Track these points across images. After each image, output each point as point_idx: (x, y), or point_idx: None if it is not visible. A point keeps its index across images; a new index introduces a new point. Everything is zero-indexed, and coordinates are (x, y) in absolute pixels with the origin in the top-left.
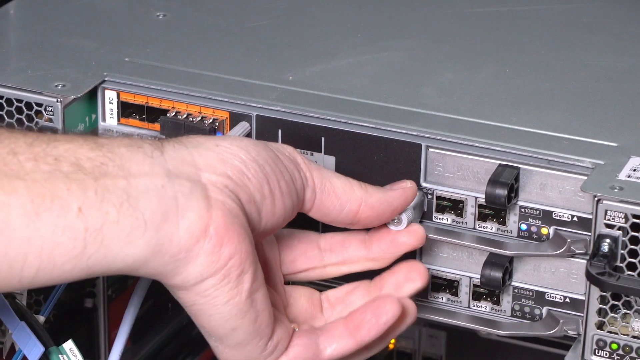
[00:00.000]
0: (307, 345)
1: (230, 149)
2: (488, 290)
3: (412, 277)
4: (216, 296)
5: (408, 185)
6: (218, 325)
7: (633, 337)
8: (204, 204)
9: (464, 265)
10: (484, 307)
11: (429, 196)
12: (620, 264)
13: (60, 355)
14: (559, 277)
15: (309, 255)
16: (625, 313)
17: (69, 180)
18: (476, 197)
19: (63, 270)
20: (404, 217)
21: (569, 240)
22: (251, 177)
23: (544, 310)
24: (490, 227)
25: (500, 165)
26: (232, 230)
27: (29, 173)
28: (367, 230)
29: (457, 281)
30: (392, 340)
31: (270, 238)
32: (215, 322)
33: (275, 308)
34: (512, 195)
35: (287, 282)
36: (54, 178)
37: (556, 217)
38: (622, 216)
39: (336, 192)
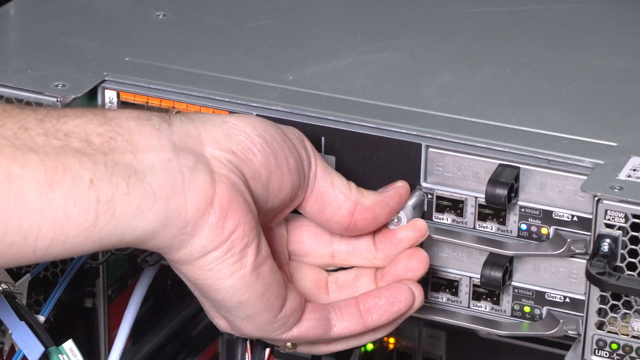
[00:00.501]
0: (319, 319)
1: (237, 125)
2: (488, 290)
3: (412, 266)
4: (219, 270)
5: (399, 184)
6: (225, 299)
7: (633, 337)
8: (208, 177)
9: (464, 265)
10: (484, 307)
11: (429, 196)
12: (620, 264)
13: (60, 355)
14: (559, 277)
15: (319, 239)
16: (625, 313)
17: (80, 154)
18: (476, 197)
19: (76, 242)
20: (404, 217)
21: (569, 240)
22: (257, 152)
23: (544, 310)
24: (490, 227)
25: (500, 165)
26: (235, 203)
27: (41, 147)
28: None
29: (457, 281)
30: (392, 340)
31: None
32: (221, 296)
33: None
34: (512, 195)
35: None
36: (65, 152)
37: (556, 217)
38: (622, 216)
39: (334, 188)
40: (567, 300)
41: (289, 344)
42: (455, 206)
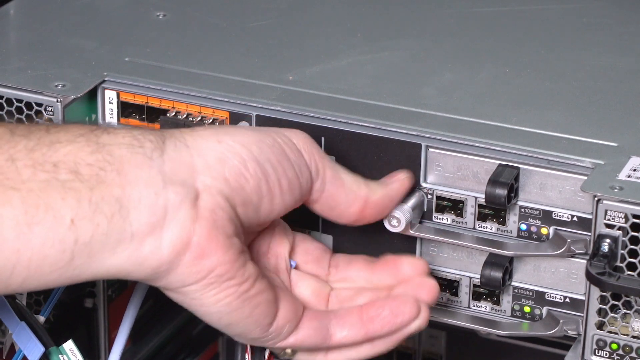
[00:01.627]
0: (317, 328)
1: (233, 147)
2: (488, 290)
3: (420, 295)
4: (203, 299)
5: (403, 176)
6: (212, 321)
7: (633, 337)
8: (190, 214)
9: (464, 265)
10: (484, 307)
11: (429, 196)
12: (620, 264)
13: (60, 356)
14: (559, 277)
15: (320, 263)
16: (625, 313)
17: (64, 190)
18: (476, 197)
19: (49, 279)
20: (402, 218)
21: (569, 240)
22: (249, 177)
23: (544, 310)
24: (490, 227)
25: (500, 165)
26: (215, 241)
27: (25, 182)
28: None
29: (457, 281)
30: None
31: (283, 226)
32: (208, 319)
33: (279, 288)
34: (512, 195)
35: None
36: (50, 188)
37: (556, 217)
38: (622, 216)
39: (345, 188)
40: (567, 300)
41: (288, 351)
42: (455, 206)
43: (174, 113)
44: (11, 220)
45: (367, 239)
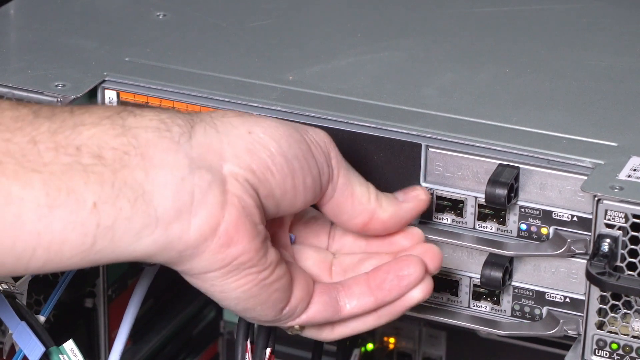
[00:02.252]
0: (327, 302)
1: (262, 139)
2: (488, 290)
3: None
4: (223, 285)
5: (422, 197)
6: (229, 306)
7: (633, 337)
8: (219, 199)
9: (464, 265)
10: (484, 307)
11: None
12: (620, 264)
13: (60, 355)
14: (559, 277)
15: (319, 235)
16: (625, 313)
17: (87, 174)
18: (476, 197)
19: (70, 262)
20: None
21: (569, 240)
22: (275, 172)
23: (544, 310)
24: (490, 227)
25: (500, 165)
26: (242, 229)
27: (47, 165)
28: None
29: (457, 281)
30: (392, 340)
31: None
32: (226, 303)
33: (291, 265)
34: (512, 195)
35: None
36: (72, 171)
37: (556, 217)
38: (622, 216)
39: (353, 199)
40: (567, 300)
41: (296, 327)
42: (455, 206)
43: None
44: (32, 202)
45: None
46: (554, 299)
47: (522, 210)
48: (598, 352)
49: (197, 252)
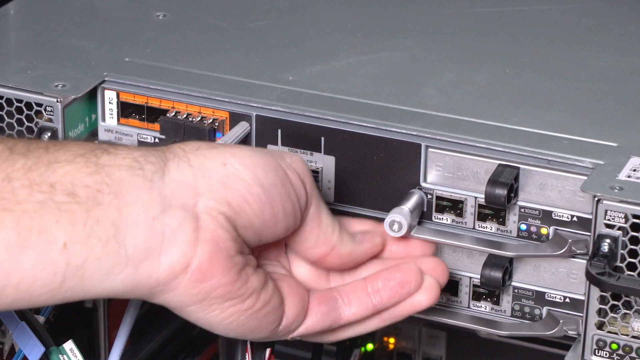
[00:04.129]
0: (324, 313)
1: (238, 170)
2: (488, 290)
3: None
4: (207, 317)
5: (377, 241)
6: (221, 334)
7: (633, 337)
8: (191, 237)
9: (464, 266)
10: (484, 307)
11: (429, 196)
12: (620, 264)
13: (60, 356)
14: (559, 277)
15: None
16: (625, 313)
17: (60, 212)
18: (476, 197)
19: (39, 300)
20: (404, 223)
21: (570, 240)
22: (252, 202)
23: (544, 310)
24: (490, 227)
25: (500, 165)
26: (216, 264)
27: (21, 203)
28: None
29: (457, 281)
30: (392, 340)
31: None
32: (217, 332)
33: (283, 280)
34: (512, 195)
35: None
36: (45, 209)
37: (556, 217)
38: (622, 216)
39: (319, 229)
40: (567, 300)
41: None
42: (455, 206)
43: (173, 113)
44: (3, 242)
45: None
46: (553, 299)
47: (522, 210)
48: (598, 352)
49: (168, 289)
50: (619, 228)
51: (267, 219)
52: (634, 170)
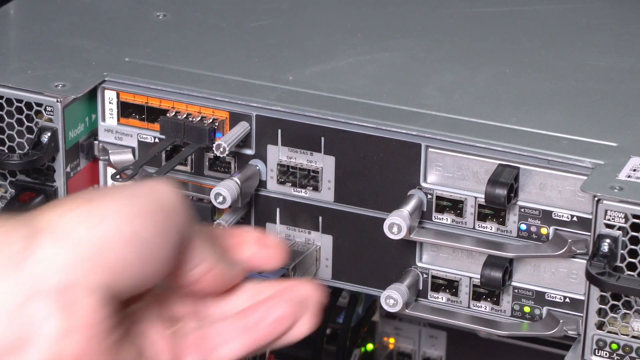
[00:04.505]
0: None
1: (108, 232)
2: (488, 290)
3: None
4: None
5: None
6: None
7: (633, 337)
8: (62, 326)
9: (464, 266)
10: (484, 307)
11: (429, 196)
12: (620, 264)
13: None
14: (559, 277)
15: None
16: (625, 313)
17: None
18: (476, 197)
19: None
20: (403, 225)
21: (569, 240)
22: (128, 264)
23: (544, 310)
24: (490, 227)
25: (500, 165)
26: (90, 353)
27: None
28: None
29: (457, 281)
30: (392, 340)
31: None
32: None
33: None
34: (512, 195)
35: None
36: None
37: (556, 217)
38: (622, 216)
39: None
40: (567, 300)
41: None
42: (455, 206)
43: (173, 113)
44: None
45: (367, 240)
46: (553, 299)
47: (522, 210)
48: (598, 352)
49: None
50: (619, 228)
51: (147, 273)
52: (634, 170)
